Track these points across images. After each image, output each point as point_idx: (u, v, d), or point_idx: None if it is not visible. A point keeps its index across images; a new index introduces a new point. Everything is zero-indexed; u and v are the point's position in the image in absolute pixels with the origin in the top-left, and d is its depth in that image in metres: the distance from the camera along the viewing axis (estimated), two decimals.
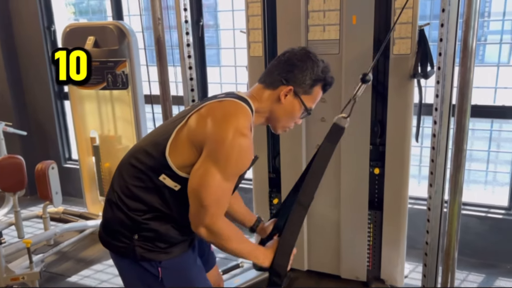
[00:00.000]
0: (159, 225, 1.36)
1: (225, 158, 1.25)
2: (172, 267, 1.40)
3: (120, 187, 1.37)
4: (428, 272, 1.89)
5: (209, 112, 1.30)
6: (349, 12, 2.10)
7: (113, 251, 1.42)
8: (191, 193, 1.28)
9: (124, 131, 3.14)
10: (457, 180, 1.60)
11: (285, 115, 1.42)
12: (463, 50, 1.48)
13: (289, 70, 1.38)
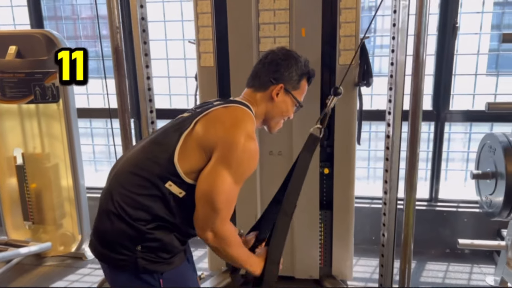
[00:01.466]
0: (164, 234, 1.32)
1: (238, 162, 1.28)
2: (173, 278, 1.37)
3: (122, 197, 1.30)
4: (386, 261, 2.06)
5: (218, 118, 1.33)
6: (298, 25, 2.24)
7: (111, 265, 1.35)
8: (202, 197, 1.28)
9: (52, 148, 2.90)
10: (412, 177, 1.79)
11: (279, 113, 1.48)
12: (416, 60, 1.69)
13: (275, 70, 1.45)
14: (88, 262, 2.96)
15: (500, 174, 2.20)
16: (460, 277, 2.72)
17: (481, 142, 2.43)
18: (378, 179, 3.31)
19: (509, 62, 3.51)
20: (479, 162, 2.45)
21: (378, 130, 3.22)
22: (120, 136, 1.99)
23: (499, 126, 2.99)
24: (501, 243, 2.52)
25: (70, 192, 2.95)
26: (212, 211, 1.28)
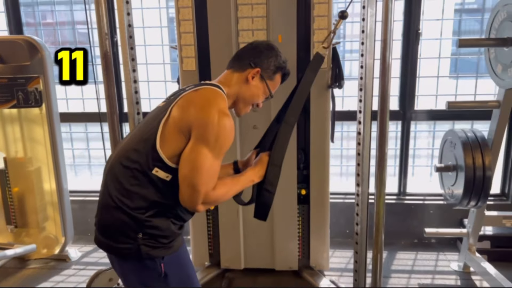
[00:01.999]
0: (161, 220, 1.43)
1: (215, 137, 1.36)
2: (173, 262, 1.47)
3: (117, 190, 1.40)
4: (360, 249, 2.24)
5: (190, 101, 1.41)
6: (275, 31, 2.39)
7: (116, 254, 1.45)
8: (184, 179, 1.36)
9: (34, 152, 2.95)
10: (381, 172, 1.96)
11: (250, 96, 1.57)
12: (383, 64, 1.87)
13: (256, 55, 1.56)
14: (72, 263, 3.01)
15: (460, 166, 2.42)
16: (427, 264, 2.93)
17: (443, 138, 2.65)
18: (351, 175, 3.50)
19: (468, 65, 3.78)
20: (441, 156, 2.66)
21: (349, 130, 3.42)
22: (110, 138, 2.08)
23: (460, 123, 3.24)
24: (463, 231, 2.74)
25: (53, 195, 2.99)
26: (194, 192, 1.35)
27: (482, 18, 3.26)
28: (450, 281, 2.71)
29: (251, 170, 1.57)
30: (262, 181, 1.57)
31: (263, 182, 1.57)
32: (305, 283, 2.66)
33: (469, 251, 2.71)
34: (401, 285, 2.66)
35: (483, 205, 2.45)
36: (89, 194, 3.48)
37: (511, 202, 3.13)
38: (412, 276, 2.78)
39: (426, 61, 3.24)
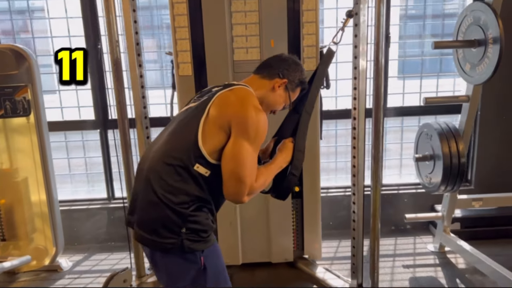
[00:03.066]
0: (202, 215, 1.52)
1: (254, 132, 1.49)
2: (211, 255, 1.57)
3: (162, 187, 1.48)
4: (357, 235, 2.43)
5: (227, 99, 1.53)
6: (267, 37, 2.55)
7: (159, 249, 1.52)
8: (230, 174, 1.48)
9: (21, 162, 2.89)
10: (377, 164, 2.17)
11: (274, 103, 1.71)
12: (376, 65, 2.08)
13: (285, 67, 1.71)
14: (65, 273, 2.98)
15: (437, 155, 2.69)
16: (407, 247, 3.20)
17: (418, 131, 2.93)
18: (332, 171, 3.72)
19: (413, 67, 4.09)
20: (417, 148, 2.93)
21: (329, 128, 3.62)
22: (120, 143, 2.12)
23: (426, 118, 3.55)
24: (438, 214, 3.03)
25: (41, 206, 2.94)
26: (241, 184, 1.48)
27: (424, 23, 3.61)
28: (429, 261, 2.98)
29: (279, 157, 1.69)
30: (287, 166, 1.71)
31: (288, 167, 1.71)
32: (302, 273, 2.83)
33: (444, 232, 3.00)
34: (387, 268, 2.89)
35: (457, 189, 2.74)
36: (74, 204, 3.45)
37: (474, 187, 3.48)
38: (396, 259, 3.02)
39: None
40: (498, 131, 3.39)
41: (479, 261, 2.64)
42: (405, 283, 2.70)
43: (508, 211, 3.23)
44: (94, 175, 3.64)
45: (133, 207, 1.60)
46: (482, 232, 3.20)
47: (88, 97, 3.39)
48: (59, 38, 3.29)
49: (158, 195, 1.48)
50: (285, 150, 1.73)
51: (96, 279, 2.89)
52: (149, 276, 2.27)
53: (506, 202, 3.07)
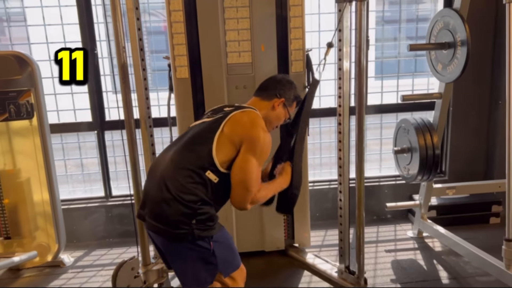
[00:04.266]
0: (208, 208, 1.74)
1: (260, 150, 1.76)
2: (219, 240, 1.79)
3: (176, 187, 1.69)
4: (344, 221, 2.66)
5: (240, 120, 1.80)
6: (258, 42, 2.76)
7: (173, 238, 1.72)
8: (238, 183, 1.74)
9: (24, 163, 3.03)
10: (360, 158, 2.41)
11: (275, 119, 1.99)
12: (358, 66, 2.31)
13: (281, 88, 1.98)
14: (68, 268, 3.12)
15: (414, 148, 2.95)
16: (388, 234, 3.45)
17: (396, 126, 3.18)
18: (317, 166, 3.95)
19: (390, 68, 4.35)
20: (396, 141, 3.19)
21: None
22: (127, 144, 2.29)
23: (402, 115, 3.82)
24: (416, 203, 3.30)
25: (44, 205, 3.08)
26: (247, 192, 1.75)
27: (399, 27, 3.89)
28: (409, 245, 3.24)
29: (280, 178, 2.00)
30: (289, 186, 2.00)
31: (290, 187, 2.01)
32: (293, 260, 3.05)
33: (422, 219, 3.26)
34: (371, 253, 3.13)
35: (433, 178, 3.01)
36: (72, 203, 3.58)
37: (448, 178, 3.77)
38: (379, 245, 3.28)
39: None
40: (468, 126, 3.70)
41: (454, 243, 2.90)
42: (387, 265, 2.95)
43: (479, 198, 3.53)
44: (90, 175, 3.78)
45: (144, 202, 1.81)
46: (456, 219, 3.48)
47: (81, 100, 3.54)
48: (56, 44, 3.42)
49: (172, 193, 1.69)
50: (285, 173, 2.02)
51: (99, 272, 3.05)
52: (154, 264, 2.44)
53: (476, 190, 3.36)
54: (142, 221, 1.85)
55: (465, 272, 2.81)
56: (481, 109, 3.69)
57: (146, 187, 1.85)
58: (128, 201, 3.60)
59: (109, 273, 2.99)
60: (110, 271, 3.01)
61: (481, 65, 3.57)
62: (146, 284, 2.42)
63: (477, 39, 2.55)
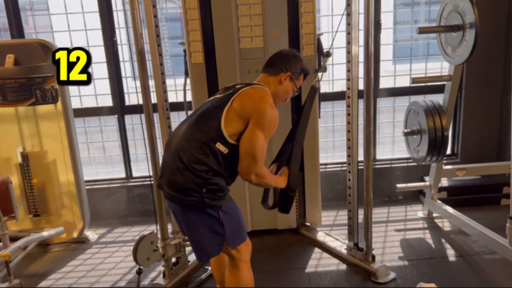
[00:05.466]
0: (219, 179, 1.87)
1: (268, 124, 1.86)
2: (227, 210, 1.91)
3: (188, 158, 1.82)
4: (352, 206, 2.77)
5: (249, 95, 1.90)
6: (270, 26, 2.84)
7: (185, 205, 1.86)
8: (245, 153, 1.84)
9: (50, 145, 3.21)
10: (368, 140, 2.49)
11: (284, 93, 2.07)
12: (366, 49, 2.38)
13: (287, 62, 2.04)
14: (92, 244, 3.32)
15: (423, 130, 3.01)
16: (398, 215, 3.54)
17: (407, 109, 3.24)
18: (330, 149, 4.04)
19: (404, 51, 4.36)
20: (406, 123, 3.25)
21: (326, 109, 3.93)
22: (146, 126, 2.42)
23: (415, 98, 3.86)
24: (426, 184, 3.37)
25: (69, 185, 3.27)
26: (253, 161, 1.86)
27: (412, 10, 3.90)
28: (418, 225, 3.32)
29: (279, 178, 2.10)
30: (285, 187, 2.12)
31: (286, 189, 2.12)
32: (305, 238, 3.17)
33: (432, 199, 3.33)
34: (381, 232, 3.23)
35: (442, 159, 3.07)
36: (95, 183, 3.77)
37: (459, 160, 3.81)
38: (389, 225, 3.37)
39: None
40: (480, 107, 3.72)
41: (463, 223, 2.97)
42: (396, 244, 3.04)
43: (490, 180, 3.57)
44: (112, 158, 3.96)
45: (162, 172, 1.95)
46: (466, 200, 3.53)
47: (100, 86, 3.70)
48: (77, 32, 3.58)
49: (184, 163, 1.82)
50: (283, 175, 2.13)
51: (121, 248, 3.23)
52: (171, 239, 2.59)
53: (486, 171, 3.40)
54: (160, 189, 2.00)
55: (472, 250, 2.88)
56: (494, 91, 3.70)
57: (163, 159, 1.98)
58: (147, 182, 3.78)
59: (131, 248, 3.17)
60: (131, 246, 3.20)
61: (494, 47, 3.57)
62: (164, 257, 2.58)
63: (490, 21, 2.57)
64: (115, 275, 2.86)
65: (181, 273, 2.71)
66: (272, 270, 2.81)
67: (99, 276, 2.86)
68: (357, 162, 2.76)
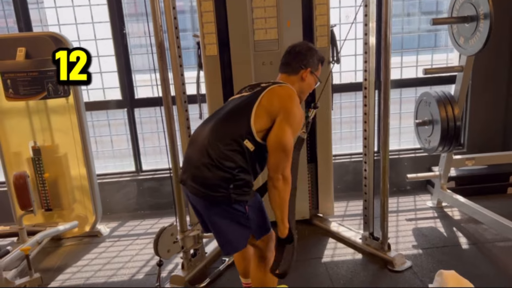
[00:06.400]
0: (245, 175, 1.87)
1: (295, 121, 1.87)
2: (253, 204, 1.92)
3: (216, 153, 1.82)
4: (368, 196, 2.80)
5: (278, 93, 1.91)
6: (284, 18, 2.85)
7: (212, 201, 1.86)
8: (275, 147, 1.84)
9: (61, 139, 3.19)
10: (386, 130, 2.52)
11: (308, 88, 2.09)
12: (384, 41, 2.40)
13: (303, 58, 2.04)
14: (105, 237, 3.32)
15: (435, 120, 3.05)
16: (408, 205, 3.58)
17: (417, 100, 3.28)
18: (344, 139, 4.07)
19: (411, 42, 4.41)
20: (417, 114, 3.29)
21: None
22: (166, 119, 2.43)
23: (421, 89, 3.90)
24: (436, 173, 3.41)
25: (81, 179, 3.26)
26: (284, 155, 1.84)
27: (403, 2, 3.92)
28: (429, 214, 3.37)
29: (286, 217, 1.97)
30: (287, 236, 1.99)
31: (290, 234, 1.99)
32: (318, 228, 3.20)
33: (441, 189, 3.38)
34: (393, 221, 3.27)
35: (453, 149, 3.11)
36: (105, 177, 3.76)
37: (466, 150, 3.87)
38: (399, 215, 3.41)
39: None
40: (487, 98, 3.77)
41: (474, 211, 3.03)
42: (409, 233, 3.09)
43: (497, 169, 3.63)
44: (121, 151, 3.95)
45: (186, 168, 1.94)
46: (474, 189, 3.59)
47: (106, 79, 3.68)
48: (85, 25, 3.55)
49: (213, 159, 1.82)
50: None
51: (134, 241, 3.24)
52: (190, 231, 2.60)
53: (495, 160, 3.45)
54: (183, 185, 1.99)
55: (484, 238, 2.93)
56: (500, 83, 3.75)
57: (188, 154, 1.97)
58: (158, 175, 3.79)
59: (144, 241, 3.22)
60: (145, 239, 3.25)
61: (500, 40, 3.61)
62: (183, 249, 2.59)
63: (497, 13, 2.60)
64: (131, 268, 2.87)
65: (199, 265, 2.72)
66: None
67: (116, 269, 2.86)
68: (373, 152, 2.79)
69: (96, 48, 3.59)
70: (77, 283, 2.72)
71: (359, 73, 3.74)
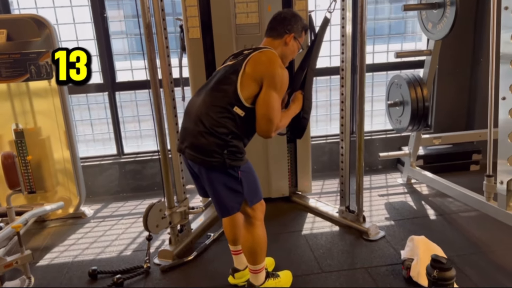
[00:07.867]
0: (238, 142, 2.01)
1: (280, 84, 1.99)
2: (245, 170, 2.06)
3: (209, 121, 1.95)
4: (345, 172, 2.98)
5: (259, 59, 2.01)
6: (265, 3, 2.97)
7: (209, 166, 1.99)
8: (262, 115, 1.96)
9: (44, 122, 3.21)
10: (361, 112, 2.69)
11: (290, 53, 2.20)
12: (360, 30, 2.56)
13: (288, 24, 2.16)
14: (89, 218, 3.38)
15: (406, 101, 3.25)
16: (380, 182, 3.80)
17: (389, 82, 3.47)
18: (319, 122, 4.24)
19: (383, 30, 4.62)
20: (388, 96, 3.49)
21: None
22: (153, 99, 2.51)
23: (392, 73, 4.11)
24: (405, 152, 3.64)
25: (65, 162, 3.29)
26: (271, 122, 1.98)
27: None
28: (399, 190, 3.60)
29: (293, 106, 2.22)
30: (300, 111, 2.24)
31: (301, 112, 2.24)
32: (297, 205, 3.37)
33: (411, 166, 3.61)
34: (366, 197, 3.47)
35: (422, 128, 3.33)
36: (87, 160, 3.79)
37: (433, 131, 4.12)
38: (372, 191, 3.62)
39: None
40: (452, 82, 4.02)
41: (442, 185, 3.25)
42: (381, 207, 3.30)
43: (461, 148, 3.90)
44: (103, 135, 3.98)
45: (183, 137, 2.06)
46: (441, 167, 3.84)
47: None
48: (63, 9, 3.55)
49: (206, 127, 1.95)
50: (296, 100, 2.25)
51: (119, 221, 3.31)
52: (177, 207, 2.71)
53: (460, 139, 3.72)
54: (181, 153, 2.12)
55: (450, 209, 3.18)
56: (464, 67, 4.00)
57: (184, 125, 2.09)
58: (140, 158, 3.86)
59: (129, 221, 3.30)
60: (129, 219, 3.34)
61: (465, 27, 3.85)
62: (171, 225, 2.70)
63: (462, 2, 2.81)
64: (119, 245, 2.95)
65: (185, 240, 2.84)
66: (271, 234, 2.96)
67: (103, 247, 2.93)
68: (349, 132, 2.96)
69: (75, 32, 3.61)
70: (66, 260, 2.78)
71: (334, 58, 3.91)
